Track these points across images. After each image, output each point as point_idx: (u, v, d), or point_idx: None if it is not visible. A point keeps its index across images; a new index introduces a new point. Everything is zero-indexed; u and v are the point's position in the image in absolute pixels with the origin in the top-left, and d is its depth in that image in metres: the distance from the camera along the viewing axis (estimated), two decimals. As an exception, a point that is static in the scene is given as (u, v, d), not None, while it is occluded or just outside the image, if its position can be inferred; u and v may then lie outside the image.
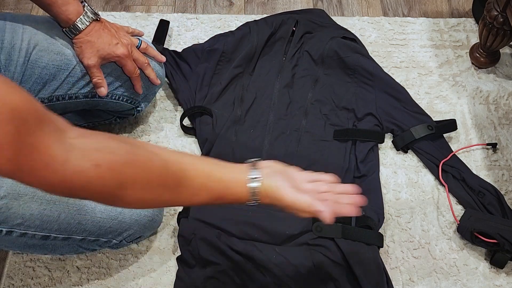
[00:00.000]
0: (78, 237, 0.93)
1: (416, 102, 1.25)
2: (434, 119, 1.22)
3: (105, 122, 1.21)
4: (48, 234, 0.90)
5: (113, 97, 1.08)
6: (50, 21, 1.00)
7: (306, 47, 1.31)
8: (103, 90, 1.02)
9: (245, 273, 1.00)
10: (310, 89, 1.25)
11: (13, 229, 0.86)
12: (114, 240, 0.97)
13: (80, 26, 0.97)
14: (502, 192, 1.13)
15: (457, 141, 1.23)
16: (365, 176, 1.13)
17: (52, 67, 0.98)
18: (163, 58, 1.14)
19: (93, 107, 1.10)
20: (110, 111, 1.15)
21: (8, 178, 0.83)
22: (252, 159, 0.79)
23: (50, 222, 0.88)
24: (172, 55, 1.30)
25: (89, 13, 0.98)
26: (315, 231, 1.03)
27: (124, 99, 1.10)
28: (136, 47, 1.06)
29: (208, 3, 1.52)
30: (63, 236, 0.91)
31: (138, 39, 1.08)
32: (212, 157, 1.12)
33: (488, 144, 1.21)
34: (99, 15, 1.01)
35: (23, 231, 0.87)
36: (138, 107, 1.14)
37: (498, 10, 1.20)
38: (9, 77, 0.93)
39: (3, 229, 0.86)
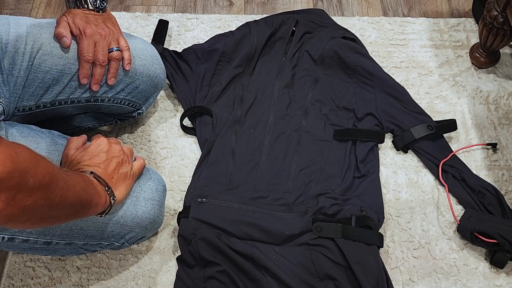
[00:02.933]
0: (80, 242, 0.93)
1: (416, 102, 1.25)
2: (434, 119, 1.23)
3: (106, 124, 1.21)
4: (50, 240, 0.90)
5: (115, 101, 1.08)
6: (53, 25, 1.00)
7: (306, 47, 1.31)
8: (65, 40, 0.97)
9: (245, 273, 1.00)
10: (310, 89, 1.25)
11: (15, 236, 0.86)
12: (116, 243, 0.97)
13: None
14: (502, 192, 1.13)
15: (457, 141, 1.23)
16: (365, 176, 1.13)
17: (55, 71, 0.97)
18: (128, 67, 1.06)
19: (95, 110, 1.10)
20: (111, 114, 1.15)
21: None
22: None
23: (51, 229, 0.88)
24: (172, 55, 1.30)
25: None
26: (315, 231, 1.03)
27: (126, 103, 1.10)
28: (112, 50, 1.03)
29: (208, 3, 1.52)
30: (65, 241, 0.91)
31: (118, 49, 1.04)
32: (213, 157, 1.14)
33: (488, 144, 1.21)
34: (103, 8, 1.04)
35: (25, 238, 0.87)
36: (139, 109, 1.14)
37: (498, 10, 1.20)
38: (12, 81, 0.93)
39: (5, 236, 0.85)
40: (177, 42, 1.40)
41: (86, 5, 1.02)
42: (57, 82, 0.98)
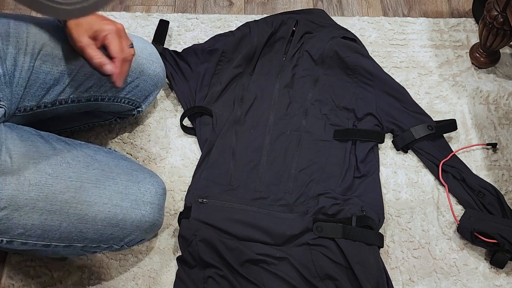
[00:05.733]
0: (79, 244, 0.93)
1: (416, 102, 1.25)
2: (434, 119, 1.23)
3: (105, 122, 1.21)
4: (49, 243, 0.90)
5: (115, 100, 1.08)
6: (53, 25, 0.99)
7: (306, 47, 1.31)
8: (109, 68, 0.92)
9: (245, 277, 1.00)
10: (310, 89, 1.26)
11: (14, 239, 0.86)
12: (115, 246, 0.97)
13: None
14: (502, 192, 1.13)
15: (457, 141, 1.23)
16: (365, 176, 1.13)
17: (56, 72, 0.97)
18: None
19: (95, 109, 1.10)
20: (111, 112, 1.15)
21: (7, 190, 0.83)
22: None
23: (51, 232, 0.88)
24: (172, 55, 1.30)
25: None
26: (316, 231, 1.03)
27: (126, 101, 1.10)
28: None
29: (208, 3, 1.52)
30: (65, 244, 0.91)
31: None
32: (213, 158, 1.14)
33: (488, 144, 1.21)
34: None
35: (24, 241, 0.87)
36: (138, 108, 1.14)
37: (498, 10, 1.20)
38: (14, 82, 0.92)
39: (3, 239, 0.85)
40: (177, 42, 1.40)
41: None
42: (58, 82, 0.98)
